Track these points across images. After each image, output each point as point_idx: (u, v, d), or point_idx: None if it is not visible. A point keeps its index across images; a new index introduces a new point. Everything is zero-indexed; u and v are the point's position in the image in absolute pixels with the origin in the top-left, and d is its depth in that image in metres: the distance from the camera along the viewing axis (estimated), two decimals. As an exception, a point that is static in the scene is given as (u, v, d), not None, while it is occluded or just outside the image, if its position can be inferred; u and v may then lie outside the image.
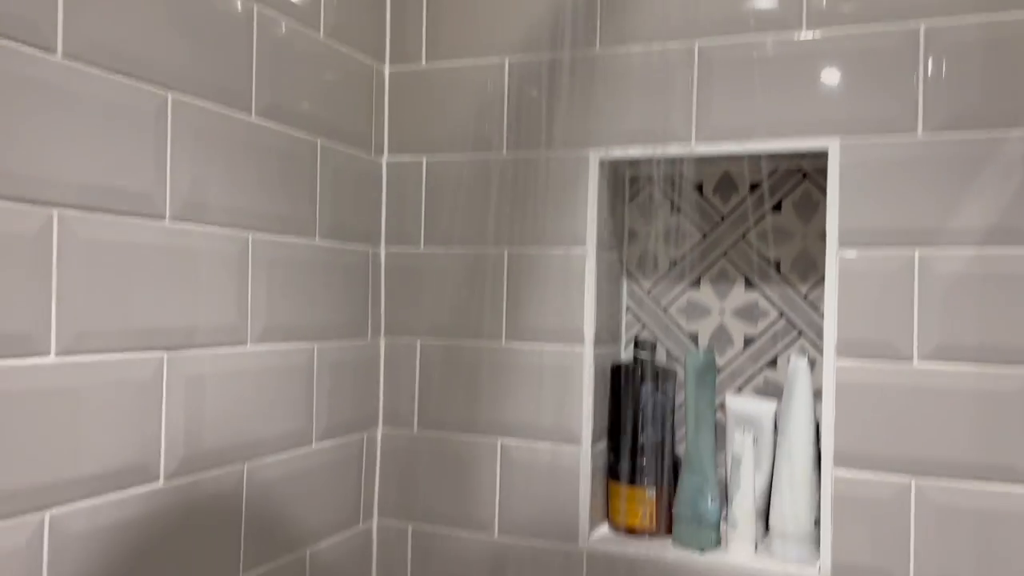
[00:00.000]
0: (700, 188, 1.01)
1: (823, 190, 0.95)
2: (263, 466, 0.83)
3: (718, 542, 0.91)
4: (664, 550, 0.91)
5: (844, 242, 0.83)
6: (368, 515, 1.02)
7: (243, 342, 0.80)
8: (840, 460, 0.83)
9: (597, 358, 0.95)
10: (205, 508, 0.76)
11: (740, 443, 0.89)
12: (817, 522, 0.86)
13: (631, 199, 1.04)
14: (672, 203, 1.02)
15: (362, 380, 1.00)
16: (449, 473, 1.00)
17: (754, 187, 0.99)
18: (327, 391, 0.92)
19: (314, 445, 0.91)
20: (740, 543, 0.89)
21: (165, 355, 0.71)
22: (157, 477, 0.70)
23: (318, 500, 0.92)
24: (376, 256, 1.02)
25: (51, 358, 0.61)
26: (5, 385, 0.58)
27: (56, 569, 0.62)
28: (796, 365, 0.88)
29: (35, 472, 0.60)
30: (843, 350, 0.83)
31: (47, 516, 0.61)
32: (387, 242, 1.04)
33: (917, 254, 0.81)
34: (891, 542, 0.81)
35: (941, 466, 0.80)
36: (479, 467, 0.98)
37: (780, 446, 0.89)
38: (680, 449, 0.98)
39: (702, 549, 0.89)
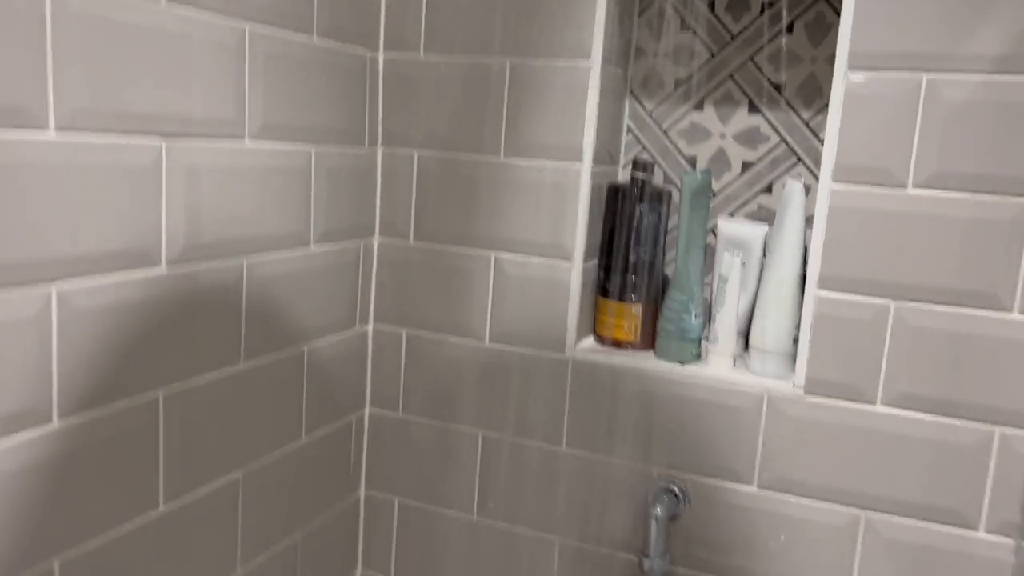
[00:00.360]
0: (712, 5, 0.98)
1: (837, 12, 0.92)
2: (262, 263, 0.85)
3: (698, 356, 0.95)
4: (646, 361, 0.95)
5: (853, 65, 0.82)
6: (364, 319, 1.05)
7: (240, 136, 0.79)
8: (824, 282, 0.86)
9: (595, 177, 0.96)
10: (207, 297, 0.78)
11: (728, 263, 0.91)
12: (795, 340, 0.89)
13: (640, 13, 1.01)
14: (682, 19, 0.99)
15: (359, 188, 1.00)
16: (443, 283, 1.02)
17: (767, 5, 0.96)
18: (324, 196, 0.93)
19: (312, 248, 0.92)
20: (719, 358, 0.93)
21: (163, 143, 0.71)
22: (159, 262, 0.72)
23: (316, 301, 0.95)
24: (374, 61, 1.00)
25: (51, 133, 0.61)
26: (5, 157, 0.58)
27: (65, 340, 0.64)
28: (791, 188, 0.88)
29: (40, 245, 0.61)
30: (839, 175, 0.84)
31: (54, 289, 0.63)
32: (386, 47, 1.01)
33: (925, 79, 0.80)
34: (864, 361, 0.85)
35: (922, 291, 0.82)
36: (473, 279, 1.01)
37: (767, 267, 0.91)
38: (670, 271, 1.01)
39: (682, 362, 0.93)
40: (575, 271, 0.96)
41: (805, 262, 0.89)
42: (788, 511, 0.90)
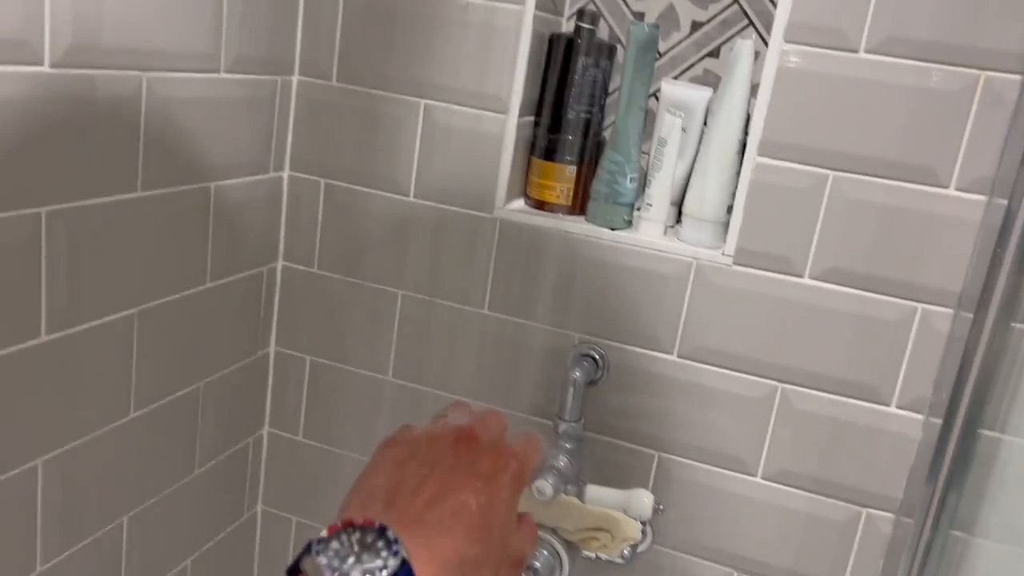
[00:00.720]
0: None
1: None
2: (164, 80, 0.77)
3: (630, 224, 0.92)
4: (575, 224, 0.91)
5: (817, -86, 0.77)
6: (279, 165, 0.98)
7: (143, -70, 0.70)
8: (764, 149, 0.83)
9: (536, 23, 0.89)
10: (99, 109, 0.70)
11: (669, 125, 0.87)
12: (730, 209, 0.87)
13: None
14: None
15: (277, 14, 0.92)
16: (367, 130, 0.96)
17: None
18: (239, 16, 0.84)
19: (223, 74, 0.84)
20: (651, 224, 0.90)
21: (48, -81, 0.62)
22: (42, 61, 0.64)
23: (225, 136, 0.87)
24: None
25: None
26: None
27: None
28: (741, 47, 0.84)
29: None
30: (791, 35, 0.80)
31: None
32: None
33: (890, -65, 0.75)
34: (796, 232, 0.83)
35: (862, 162, 0.80)
36: (400, 128, 0.94)
37: (708, 132, 0.87)
38: (608, 134, 0.96)
39: (613, 227, 0.90)
40: (509, 126, 0.90)
41: (747, 132, 0.86)
42: (705, 381, 0.89)
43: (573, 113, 0.91)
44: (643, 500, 0.86)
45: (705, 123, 0.89)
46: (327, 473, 1.07)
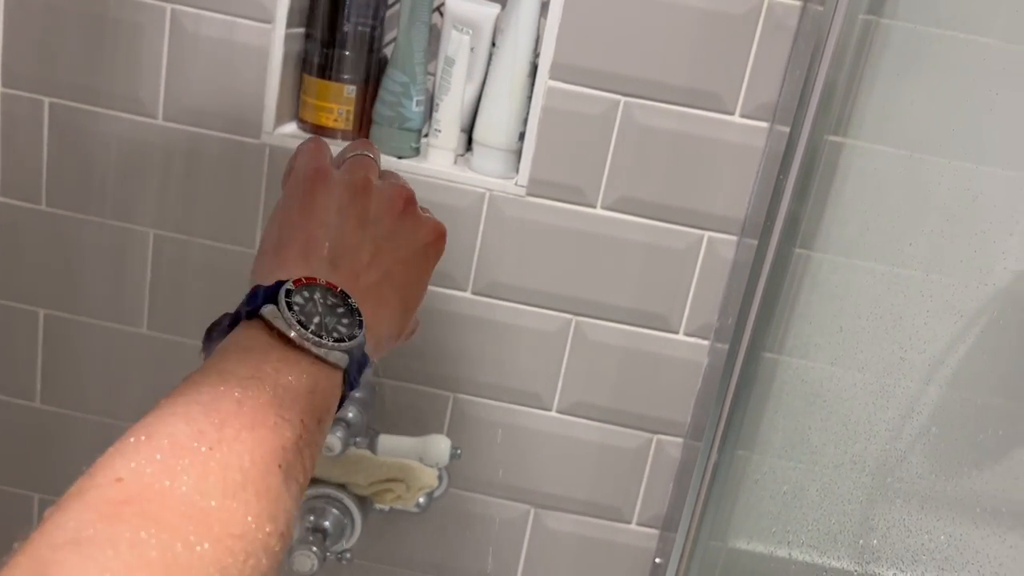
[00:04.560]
0: None
1: None
2: None
3: (417, 152, 0.85)
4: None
5: None
6: (-14, 79, 0.80)
7: None
8: (556, 72, 0.79)
9: (303, -80, 0.78)
10: None
11: (456, 42, 0.80)
12: (522, 137, 0.82)
13: None
14: None
15: None
16: (100, 41, 0.80)
17: None
18: None
19: None
20: (441, 153, 0.83)
21: None
22: None
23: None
24: None
25: None
26: None
27: None
28: (531, -40, 0.79)
29: None
30: (583, -50, 0.75)
31: None
32: None
33: None
34: (589, 161, 0.81)
35: (654, 87, 0.78)
36: (140, 37, 0.80)
37: (496, 54, 0.81)
38: (390, 51, 0.88)
39: (400, 155, 0.83)
40: (276, 37, 0.79)
41: (538, 54, 0.81)
42: (500, 317, 0.85)
43: (350, 26, 0.81)
44: (440, 446, 0.82)
45: (494, 43, 0.83)
46: (69, 442, 0.92)
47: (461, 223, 0.83)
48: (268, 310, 0.35)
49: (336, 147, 0.80)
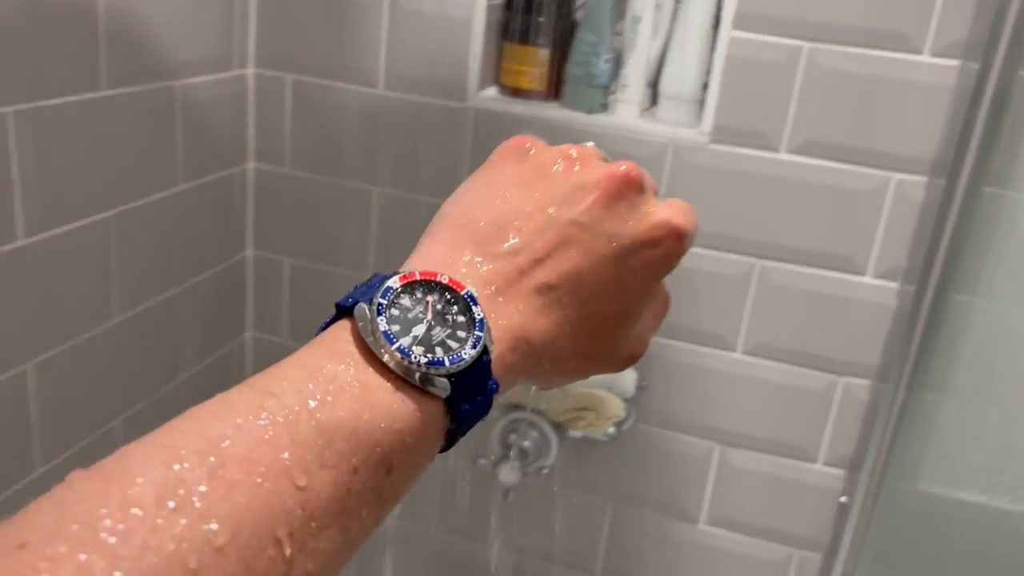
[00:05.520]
0: None
1: None
2: (120, -28, 0.74)
3: (605, 107, 0.91)
4: (551, 110, 0.90)
5: None
6: (243, 61, 0.95)
7: None
8: (739, 22, 0.82)
9: (501, -100, 0.86)
10: (54, 5, 0.67)
11: (643, 2, 0.85)
12: (706, 87, 0.86)
13: None
14: None
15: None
16: (332, 22, 0.93)
17: None
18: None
19: (179, -36, 0.81)
20: (627, 106, 0.89)
21: None
22: (-11, -52, 0.61)
23: (186, 31, 0.84)
24: None
25: None
26: None
27: None
28: (714, -84, 0.82)
29: None
30: (765, -99, 0.78)
31: None
32: None
33: None
34: (772, 107, 0.83)
35: (838, 32, 0.79)
36: (365, 15, 0.92)
37: (681, 9, 0.86)
38: (580, 15, 0.94)
39: (589, 110, 0.89)
40: (479, 8, 0.88)
41: (721, 6, 0.84)
42: (685, 261, 0.90)
43: (544, -6, 0.89)
44: (626, 378, 0.88)
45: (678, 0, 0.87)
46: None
47: (647, 171, 0.88)
48: (359, 311, 0.27)
49: (533, 107, 0.88)
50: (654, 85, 0.90)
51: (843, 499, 0.91)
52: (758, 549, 0.97)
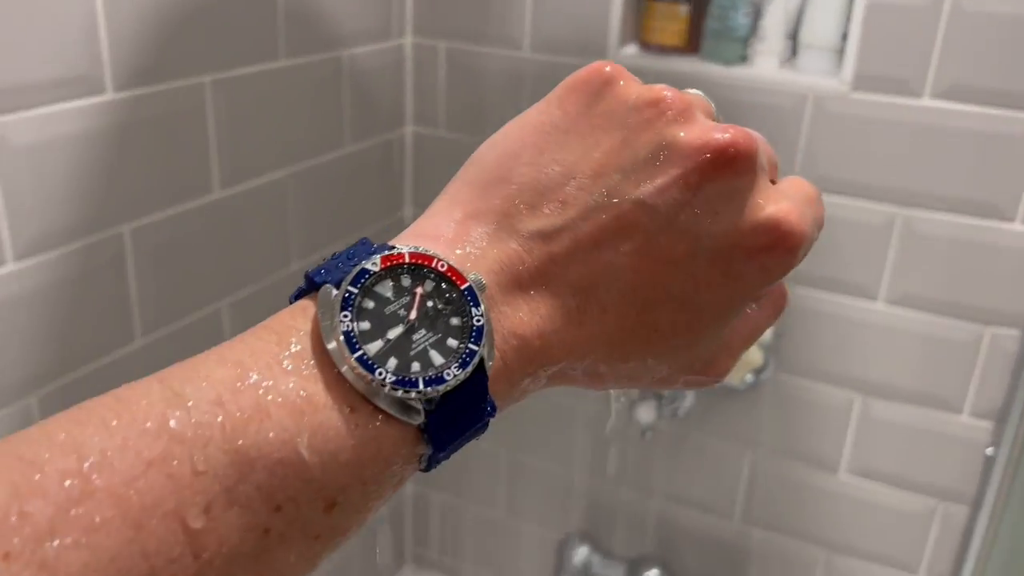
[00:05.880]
0: None
1: None
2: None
3: (744, 59, 0.92)
4: (690, 64, 0.93)
5: None
6: (401, 31, 1.03)
7: None
8: (882, -33, 0.81)
9: None
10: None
11: (781, -47, 0.86)
12: (846, 36, 0.86)
13: None
14: None
15: None
16: (482, -10, 0.99)
17: None
18: None
19: (345, -56, 0.90)
20: (766, 58, 0.90)
21: None
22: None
23: (352, 3, 0.93)
24: None
25: None
26: None
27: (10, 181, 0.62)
28: None
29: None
30: None
31: None
32: None
33: None
34: (915, 52, 0.82)
35: (986, -30, 0.78)
36: (512, -16, 0.97)
37: (822, -42, 0.86)
38: (718, -30, 0.96)
39: (728, 63, 0.91)
40: (618, -31, 0.92)
41: (863, -48, 0.84)
42: (827, 210, 0.90)
43: (683, -49, 0.91)
44: (764, 325, 0.90)
45: (819, -51, 0.88)
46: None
47: (786, 122, 0.89)
48: (324, 294, 0.21)
49: (671, 62, 0.91)
50: (794, 36, 0.91)
51: (989, 451, 0.89)
52: (900, 500, 0.97)
